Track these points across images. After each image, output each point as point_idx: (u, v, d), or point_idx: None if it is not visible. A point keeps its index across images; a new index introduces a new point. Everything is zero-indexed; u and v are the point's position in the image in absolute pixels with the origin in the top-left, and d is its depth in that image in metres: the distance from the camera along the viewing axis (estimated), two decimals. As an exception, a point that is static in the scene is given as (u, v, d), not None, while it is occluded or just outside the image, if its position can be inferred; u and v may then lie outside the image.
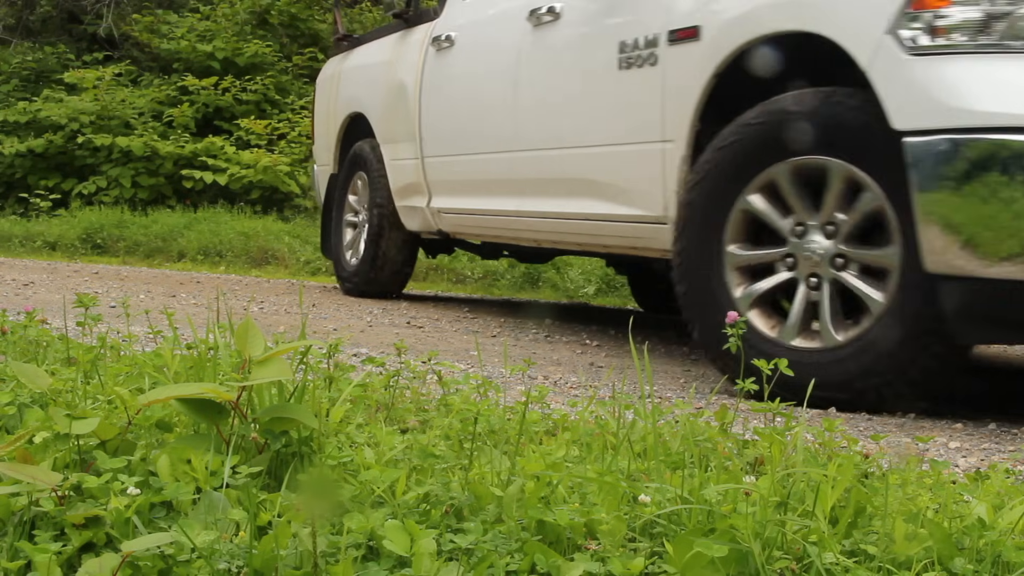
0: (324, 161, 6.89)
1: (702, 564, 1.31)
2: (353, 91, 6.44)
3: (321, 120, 6.93)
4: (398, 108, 5.74)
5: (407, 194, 5.70)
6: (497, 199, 4.90)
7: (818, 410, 3.03)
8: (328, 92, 6.83)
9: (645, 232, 3.94)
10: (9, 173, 11.15)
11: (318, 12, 12.52)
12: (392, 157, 5.84)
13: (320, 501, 1.37)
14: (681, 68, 3.65)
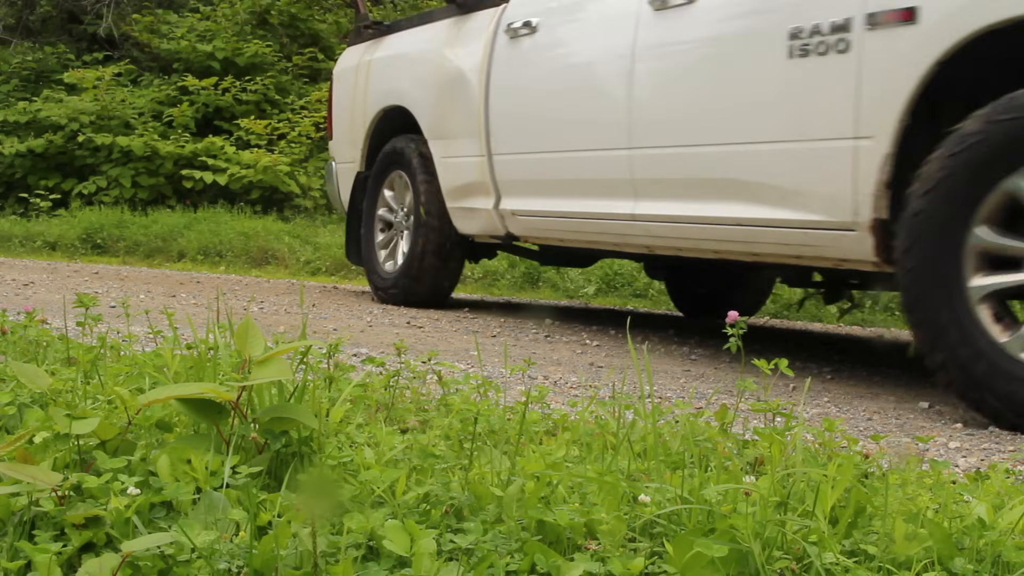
0: (347, 158, 6.36)
1: (702, 564, 1.31)
2: (390, 83, 5.92)
3: (344, 114, 6.38)
4: (454, 101, 5.29)
5: (464, 195, 5.28)
6: (598, 201, 4.45)
7: (818, 410, 3.03)
8: (354, 84, 6.27)
9: (822, 240, 3.50)
10: (9, 173, 11.15)
11: (318, 12, 12.53)
12: (444, 154, 5.39)
13: (320, 501, 1.37)
14: (886, 56, 3.23)
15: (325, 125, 6.74)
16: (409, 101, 5.70)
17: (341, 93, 6.44)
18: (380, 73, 6.04)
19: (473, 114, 5.14)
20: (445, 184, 5.41)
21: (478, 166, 5.15)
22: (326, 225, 9.87)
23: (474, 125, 5.15)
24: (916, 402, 3.36)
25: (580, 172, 4.55)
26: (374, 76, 6.08)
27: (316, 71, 12.08)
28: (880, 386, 3.65)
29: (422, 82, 5.59)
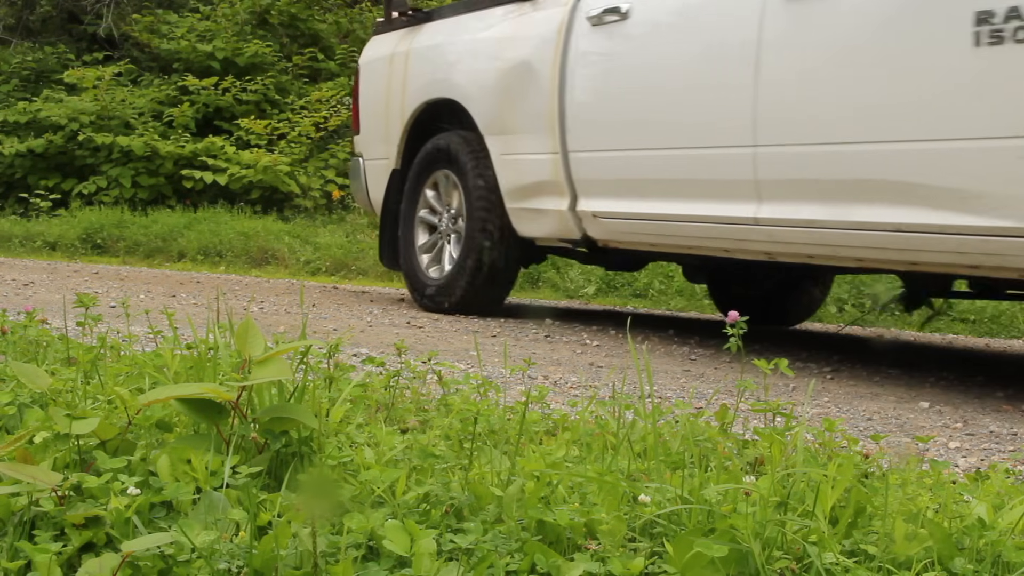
0: (378, 154, 5.91)
1: (702, 564, 1.31)
2: (436, 74, 5.47)
3: (374, 107, 5.90)
4: (519, 95, 4.89)
5: (528, 195, 4.91)
6: (708, 203, 4.07)
7: (818, 410, 3.03)
8: (388, 75, 5.80)
9: (1013, 248, 3.20)
10: (9, 173, 11.15)
11: (318, 12, 12.53)
12: (505, 151, 5.01)
13: (320, 501, 1.37)
14: None
15: (349, 119, 6.31)
16: (461, 94, 5.26)
17: (371, 85, 5.98)
18: (422, 64, 5.59)
19: (543, 108, 4.75)
20: (505, 183, 5.03)
21: (549, 164, 4.77)
22: (326, 225, 9.87)
23: (544, 120, 4.75)
24: (916, 402, 3.36)
25: (684, 172, 4.19)
26: (414, 67, 5.62)
27: (316, 71, 12.08)
28: (880, 386, 3.65)
29: (477, 74, 5.18)
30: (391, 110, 5.76)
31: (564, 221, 4.78)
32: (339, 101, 11.19)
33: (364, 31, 12.48)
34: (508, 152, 5.01)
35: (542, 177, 4.82)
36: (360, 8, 12.93)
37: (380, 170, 5.90)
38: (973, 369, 4.19)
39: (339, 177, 10.60)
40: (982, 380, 3.90)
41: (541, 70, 4.76)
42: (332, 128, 10.94)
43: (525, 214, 4.97)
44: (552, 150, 4.74)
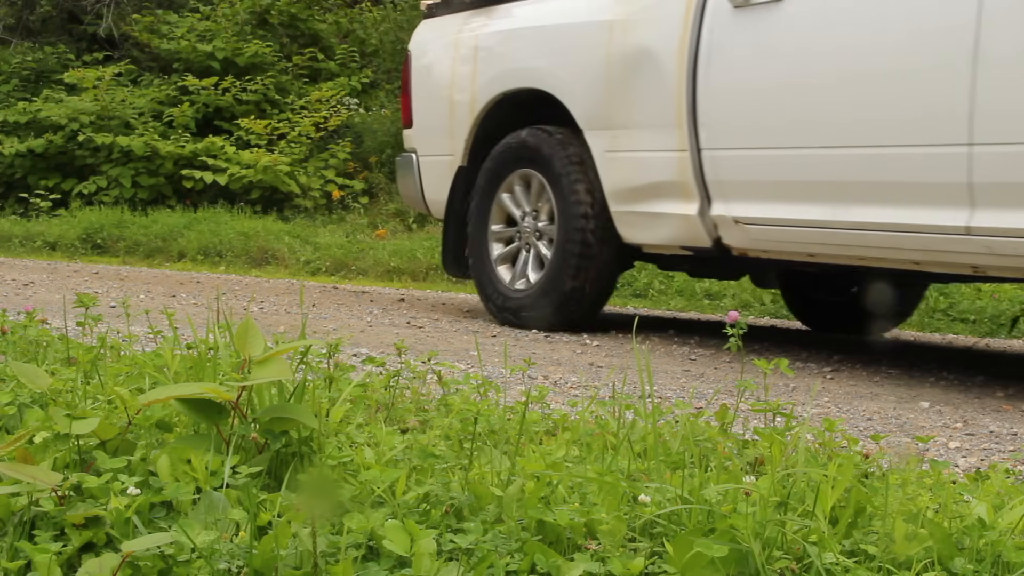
0: (438, 150, 5.37)
1: (702, 564, 1.31)
2: (517, 62, 4.94)
3: (435, 98, 5.35)
4: (634, 85, 4.37)
5: (643, 197, 4.40)
6: (900, 209, 3.61)
7: (818, 410, 3.03)
8: (452, 62, 5.25)
9: None
10: (9, 173, 11.15)
11: (318, 12, 12.53)
12: (612, 148, 4.49)
13: (320, 501, 1.37)
14: None
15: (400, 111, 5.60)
16: (553, 84, 4.75)
17: (429, 73, 5.42)
18: (498, 50, 5.05)
19: (667, 101, 4.24)
20: (612, 184, 4.52)
21: (673, 163, 4.26)
22: (326, 225, 9.87)
23: (668, 114, 4.24)
24: (916, 402, 3.36)
25: (867, 174, 3.70)
26: (488, 53, 5.08)
27: (316, 71, 12.08)
28: (880, 386, 3.65)
29: (577, 61, 4.64)
30: (457, 101, 5.21)
31: (690, 226, 4.25)
32: (339, 101, 11.19)
33: (364, 31, 12.48)
34: (616, 149, 4.50)
35: (662, 177, 4.31)
36: (360, 8, 12.93)
37: (440, 168, 5.35)
38: (973, 369, 4.19)
39: (339, 177, 10.60)
40: (982, 380, 3.90)
41: (665, 58, 4.23)
42: (332, 128, 10.94)
43: (636, 219, 4.47)
44: (678, 147, 4.22)
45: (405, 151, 5.65)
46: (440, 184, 5.35)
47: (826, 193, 3.83)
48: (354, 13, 12.83)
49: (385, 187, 10.42)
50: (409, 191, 5.65)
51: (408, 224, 9.79)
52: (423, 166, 5.48)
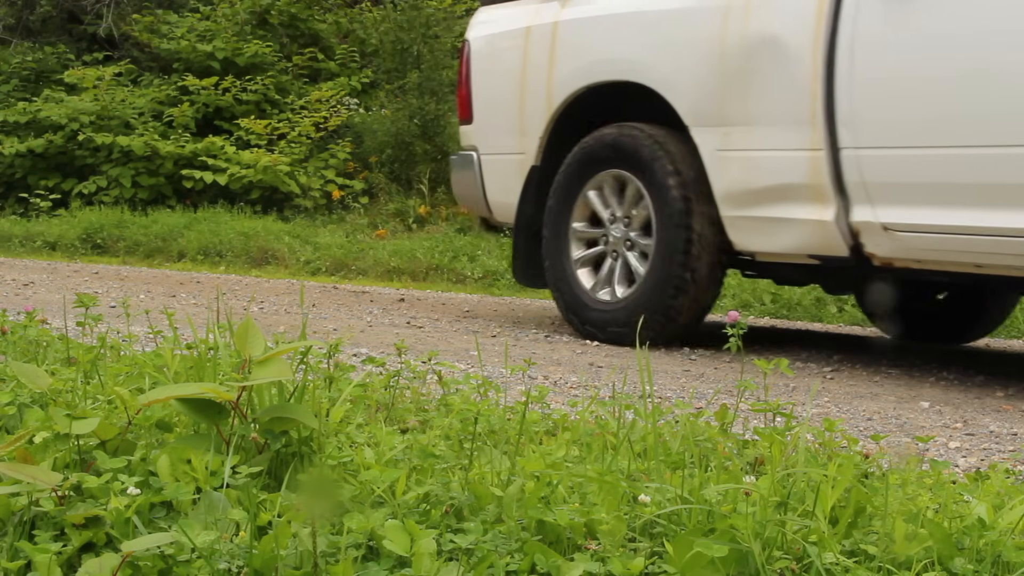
0: (507, 148, 4.94)
1: (702, 564, 1.31)
2: (607, 51, 4.50)
3: (502, 91, 4.94)
4: (757, 77, 3.97)
5: (765, 200, 4.00)
6: None
7: (818, 410, 3.03)
8: (523, 53, 4.82)
9: None
10: (9, 173, 11.16)
11: (318, 12, 12.53)
12: (725, 147, 4.11)
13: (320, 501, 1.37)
14: None
15: (457, 106, 5.19)
16: (652, 76, 4.31)
17: (494, 64, 5.01)
18: (582, 38, 4.62)
19: (797, 95, 3.86)
20: (724, 187, 4.12)
21: (804, 163, 3.87)
22: (326, 225, 9.87)
23: (799, 109, 3.85)
24: (916, 402, 3.36)
25: None
26: (569, 42, 4.65)
27: (316, 71, 12.08)
28: (880, 386, 3.65)
29: (683, 51, 4.22)
30: (530, 95, 4.78)
31: (824, 233, 3.86)
32: (339, 101, 11.19)
33: (364, 31, 12.48)
34: (730, 148, 4.10)
35: (789, 179, 3.92)
36: (360, 8, 12.93)
37: (507, 167, 4.94)
38: (973, 369, 4.19)
39: (339, 177, 10.60)
40: (982, 380, 3.90)
41: (796, 49, 3.84)
42: (332, 128, 10.94)
43: (753, 224, 4.08)
44: (810, 146, 3.84)
45: (462, 149, 5.24)
46: (507, 185, 4.94)
47: (1004, 196, 3.43)
48: (354, 13, 12.83)
49: (385, 187, 10.42)
50: (467, 192, 5.20)
51: (408, 224, 9.79)
52: (485, 165, 5.05)
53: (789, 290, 6.51)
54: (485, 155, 5.06)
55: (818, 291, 6.27)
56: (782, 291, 6.52)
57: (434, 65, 10.68)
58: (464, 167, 5.18)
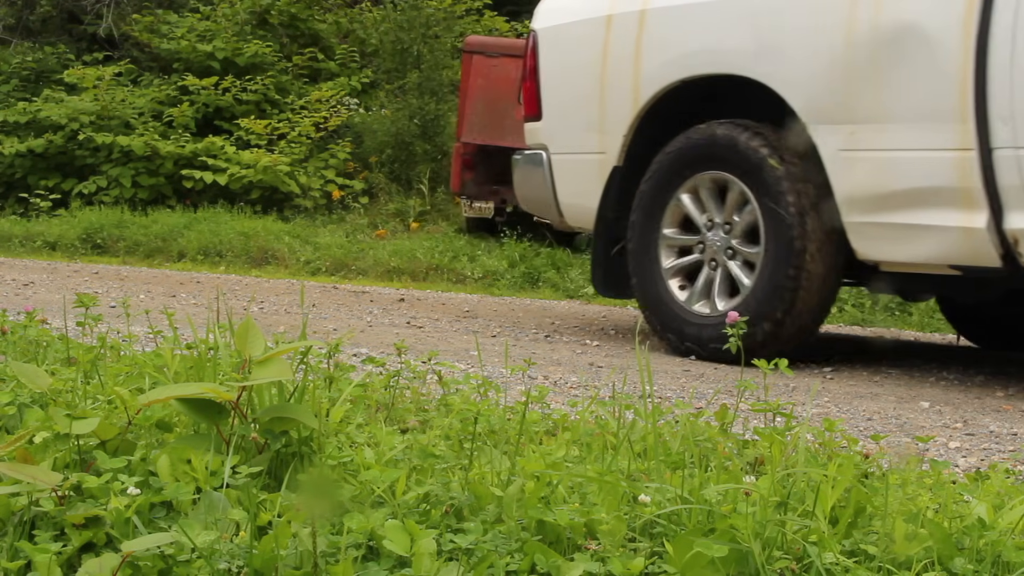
0: (583, 147, 4.58)
1: (702, 564, 1.31)
2: (709, 42, 4.12)
3: (578, 85, 4.59)
4: (890, 69, 3.65)
5: (899, 205, 3.67)
6: None
7: (818, 410, 3.03)
8: (605, 43, 4.45)
9: None
10: (9, 173, 11.16)
11: (318, 12, 12.53)
12: (850, 146, 3.76)
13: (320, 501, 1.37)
14: None
15: (523, 100, 4.86)
16: (763, 69, 3.95)
17: (566, 56, 4.67)
18: (676, 27, 4.25)
19: (940, 88, 3.52)
20: (848, 190, 3.78)
21: (950, 164, 3.53)
22: (326, 225, 9.87)
23: (943, 104, 3.52)
24: (916, 402, 3.36)
25: None
26: (660, 32, 4.28)
27: (316, 71, 12.09)
28: (880, 386, 3.65)
29: (801, 42, 3.88)
30: (612, 90, 4.42)
31: (972, 242, 3.53)
32: (339, 101, 11.20)
33: (364, 31, 12.48)
34: (858, 148, 3.76)
35: (931, 182, 3.59)
36: (360, 8, 12.93)
37: (584, 168, 4.58)
38: (973, 369, 4.19)
39: (339, 177, 10.60)
40: (982, 380, 3.90)
41: (940, 36, 3.50)
42: (332, 128, 10.94)
43: (883, 231, 3.75)
44: (957, 146, 3.50)
45: (529, 148, 4.86)
46: (583, 187, 4.58)
47: None
48: (354, 13, 12.83)
49: (385, 187, 10.42)
50: (534, 195, 4.85)
51: (408, 224, 9.80)
52: (557, 166, 4.68)
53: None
54: (557, 154, 4.70)
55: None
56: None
57: (434, 65, 10.69)
58: (530, 167, 4.81)
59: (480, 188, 8.92)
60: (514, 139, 8.54)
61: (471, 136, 8.86)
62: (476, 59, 8.88)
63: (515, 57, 8.45)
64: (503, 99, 8.55)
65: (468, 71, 8.95)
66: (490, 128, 8.80)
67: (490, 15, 12.19)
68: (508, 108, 8.41)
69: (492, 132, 8.76)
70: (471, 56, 8.95)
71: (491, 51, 9.01)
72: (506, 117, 8.52)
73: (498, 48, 9.09)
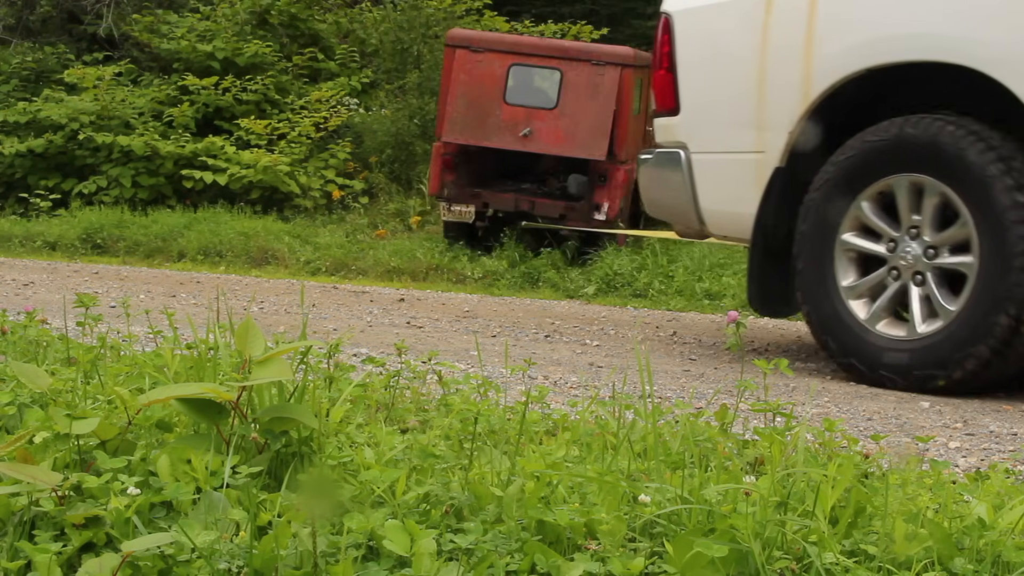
0: (738, 145, 4.05)
1: (702, 564, 1.31)
2: (907, 23, 3.67)
3: (730, 76, 4.09)
4: None
5: None
6: None
7: (818, 410, 3.03)
8: (760, 28, 3.97)
9: None
10: (9, 173, 11.15)
11: (318, 12, 12.53)
12: None
13: (320, 501, 1.37)
14: None
15: (655, 94, 4.35)
16: (982, 55, 3.47)
17: (712, 43, 4.19)
18: (859, 10, 3.82)
19: None
20: None
21: None
22: (326, 225, 9.87)
23: None
24: (916, 402, 3.36)
25: None
26: (838, 15, 3.83)
27: (316, 71, 12.08)
28: (880, 386, 3.65)
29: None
30: (775, 79, 3.93)
31: None
32: (339, 101, 11.20)
33: (364, 31, 12.48)
34: None
35: None
36: (360, 8, 12.93)
37: (735, 169, 4.07)
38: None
39: (339, 177, 10.60)
40: (982, 380, 3.90)
41: None
42: (332, 128, 10.94)
43: None
44: None
45: (660, 146, 4.33)
46: (733, 191, 4.05)
47: None
48: (354, 13, 12.83)
49: (385, 187, 10.42)
50: (666, 200, 4.32)
51: (408, 224, 9.80)
52: (699, 166, 4.13)
53: (789, 290, 6.48)
54: (698, 154, 4.13)
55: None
56: (782, 291, 6.50)
57: (434, 65, 10.69)
58: (662, 168, 4.24)
59: (461, 191, 8.37)
60: (499, 139, 8.15)
61: (452, 135, 8.29)
62: (460, 53, 8.40)
63: (501, 52, 8.28)
64: (487, 96, 8.22)
65: (451, 66, 8.46)
66: (473, 127, 8.28)
67: (490, 15, 12.18)
68: (493, 106, 8.18)
69: (475, 131, 8.26)
70: (454, 50, 8.47)
71: (476, 45, 8.47)
72: (490, 116, 8.20)
73: (483, 43, 8.56)
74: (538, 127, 8.11)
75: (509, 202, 8.28)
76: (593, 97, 8.03)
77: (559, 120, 8.08)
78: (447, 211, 8.52)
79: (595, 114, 8.00)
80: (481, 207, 8.38)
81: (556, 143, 8.12)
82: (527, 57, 8.28)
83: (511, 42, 8.70)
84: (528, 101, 8.21)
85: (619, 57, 8.12)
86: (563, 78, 8.10)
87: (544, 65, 8.24)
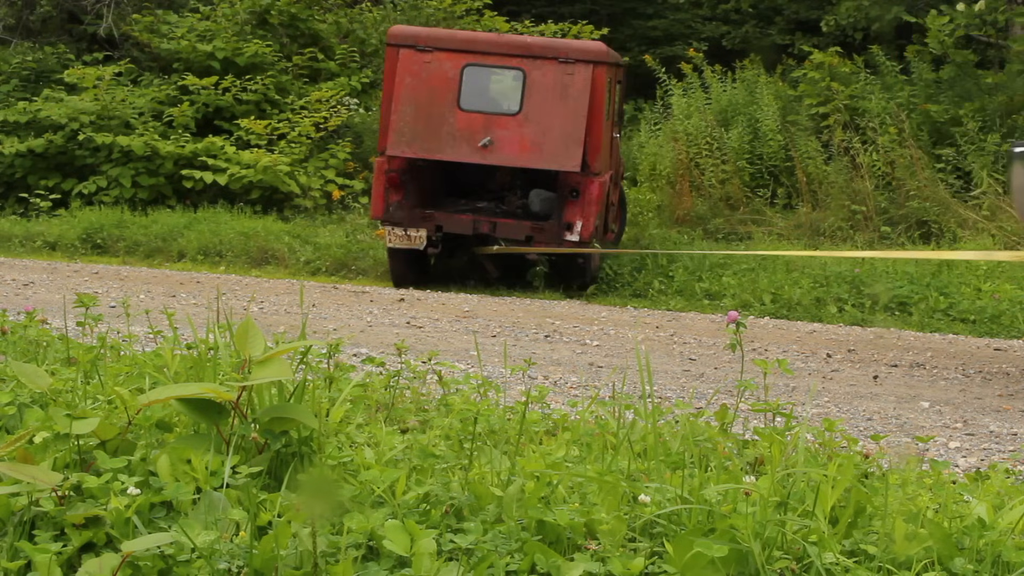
0: None
1: (702, 564, 1.31)
2: None
3: None
4: None
5: None
6: None
7: (818, 410, 3.03)
8: None
9: None
10: (9, 173, 11.15)
11: (318, 12, 12.53)
12: None
13: (320, 501, 1.37)
14: None
15: None
16: None
17: None
18: None
19: None
20: None
21: None
22: (326, 225, 9.87)
23: None
24: (916, 402, 3.36)
25: None
26: None
27: (316, 71, 12.08)
28: (880, 386, 3.65)
29: None
30: None
31: None
32: (339, 101, 11.19)
33: (364, 31, 12.48)
34: None
35: None
36: (360, 8, 12.93)
37: None
38: (973, 369, 4.19)
39: (339, 177, 10.59)
40: (982, 380, 3.90)
41: None
42: (332, 128, 10.94)
43: None
44: None
45: None
46: None
47: None
48: (354, 13, 12.82)
49: (385, 187, 10.41)
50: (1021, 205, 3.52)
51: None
52: None
53: (789, 290, 6.50)
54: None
55: (818, 291, 6.27)
56: (782, 291, 6.52)
57: (434, 65, 10.68)
58: None
59: (410, 213, 7.14)
60: (453, 151, 6.88)
61: (398, 148, 7.12)
62: (404, 53, 7.27)
63: (453, 52, 7.20)
64: (438, 102, 7.09)
65: (394, 68, 7.30)
66: (422, 138, 7.10)
67: (490, 15, 12.18)
68: (445, 113, 7.05)
69: (425, 143, 7.10)
70: (398, 50, 7.31)
71: (423, 44, 7.32)
72: (442, 125, 7.06)
73: (432, 40, 7.40)
74: (499, 136, 6.97)
75: (467, 224, 7.08)
76: (562, 100, 6.94)
77: (523, 127, 6.96)
78: (394, 237, 7.21)
79: (565, 119, 6.89)
80: (433, 231, 7.10)
81: (521, 154, 6.97)
82: (483, 56, 7.17)
83: (464, 39, 7.56)
84: (486, 107, 7.15)
85: (590, 54, 7.08)
86: (527, 79, 7.01)
87: (504, 65, 7.15)
